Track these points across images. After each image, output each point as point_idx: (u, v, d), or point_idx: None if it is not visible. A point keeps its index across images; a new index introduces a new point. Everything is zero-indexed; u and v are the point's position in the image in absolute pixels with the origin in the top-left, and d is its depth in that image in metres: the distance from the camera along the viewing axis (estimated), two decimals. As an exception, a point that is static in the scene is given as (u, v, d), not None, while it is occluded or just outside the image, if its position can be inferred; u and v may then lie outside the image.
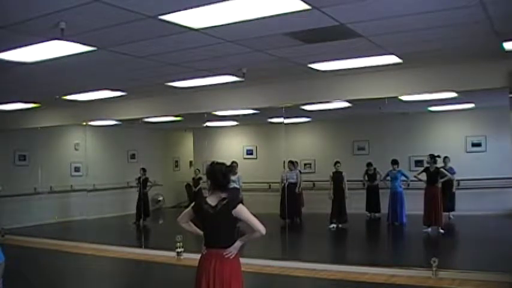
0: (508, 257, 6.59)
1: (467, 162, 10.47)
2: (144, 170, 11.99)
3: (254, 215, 3.78)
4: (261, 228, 3.72)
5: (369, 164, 11.24)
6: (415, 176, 10.02)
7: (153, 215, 13.39)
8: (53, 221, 11.85)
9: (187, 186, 13.40)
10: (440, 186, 9.62)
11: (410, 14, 4.48)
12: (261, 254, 8.13)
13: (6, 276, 4.01)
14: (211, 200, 3.79)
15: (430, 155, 9.71)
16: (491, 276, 6.39)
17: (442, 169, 9.68)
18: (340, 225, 10.74)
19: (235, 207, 3.71)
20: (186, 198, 13.73)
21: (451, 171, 9.97)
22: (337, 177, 10.74)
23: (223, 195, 3.80)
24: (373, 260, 7.90)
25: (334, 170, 10.79)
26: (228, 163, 10.08)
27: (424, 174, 9.76)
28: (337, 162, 10.84)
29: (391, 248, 9.47)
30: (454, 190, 9.78)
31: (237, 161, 10.90)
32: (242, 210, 3.73)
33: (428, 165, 9.71)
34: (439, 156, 9.72)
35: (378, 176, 11.15)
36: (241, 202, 3.90)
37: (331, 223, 10.72)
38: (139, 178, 11.89)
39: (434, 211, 9.45)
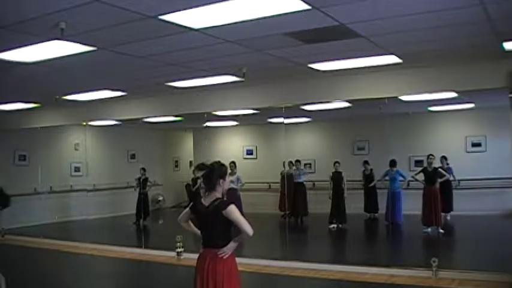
0: (508, 257, 6.59)
1: (467, 162, 10.49)
2: (144, 169, 11.99)
3: (244, 217, 3.77)
4: (248, 230, 3.70)
5: (365, 162, 11.21)
6: (412, 177, 10.03)
7: (153, 215, 13.40)
8: (53, 221, 11.85)
9: (187, 186, 13.41)
10: (438, 186, 9.62)
11: (410, 14, 4.48)
12: (261, 254, 8.13)
13: (6, 276, 4.03)
14: (206, 201, 3.83)
15: (429, 155, 9.71)
16: (491, 276, 6.39)
17: (440, 169, 9.68)
18: (340, 225, 10.74)
19: (225, 208, 3.71)
20: (186, 198, 13.74)
21: (449, 171, 9.97)
22: (336, 178, 10.75)
23: (218, 195, 3.83)
24: (373, 260, 7.90)
25: (333, 170, 10.80)
26: (228, 163, 9.98)
27: (421, 174, 9.77)
28: (336, 162, 10.84)
29: (391, 248, 9.48)
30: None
31: (237, 161, 10.90)
32: (232, 211, 3.71)
33: (426, 166, 9.71)
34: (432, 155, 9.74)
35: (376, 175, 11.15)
36: (239, 202, 3.92)
37: (331, 223, 10.72)
38: (139, 178, 11.89)
39: (434, 211, 9.45)
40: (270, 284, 7.24)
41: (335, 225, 10.71)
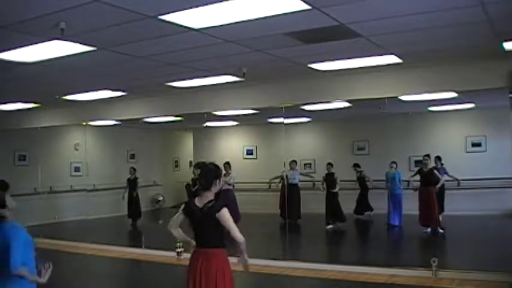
0: (508, 257, 6.59)
1: (467, 162, 10.48)
2: (134, 169, 11.98)
3: (238, 219, 3.81)
4: (238, 237, 3.79)
5: (355, 165, 11.19)
6: (410, 177, 10.00)
7: (153, 215, 13.41)
8: (53, 221, 11.84)
9: (187, 186, 13.40)
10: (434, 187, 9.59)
11: (410, 14, 4.49)
12: (261, 254, 8.13)
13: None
14: (199, 202, 3.89)
15: (424, 156, 9.70)
16: (491, 276, 6.39)
17: (435, 171, 9.62)
18: (337, 225, 10.71)
19: (218, 211, 3.79)
20: (186, 198, 13.73)
21: (442, 171, 9.97)
22: (330, 180, 10.74)
23: (212, 197, 3.89)
24: (373, 260, 7.90)
25: (326, 172, 10.77)
26: (230, 163, 9.92)
27: (418, 175, 9.74)
28: (328, 163, 10.84)
29: (391, 248, 9.48)
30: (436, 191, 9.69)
31: (237, 161, 10.90)
32: (224, 216, 3.79)
33: (422, 166, 9.68)
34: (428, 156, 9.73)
35: (367, 177, 11.13)
36: (235, 202, 3.97)
37: (328, 224, 10.70)
38: (128, 179, 11.89)
39: (430, 212, 9.44)
40: (270, 284, 7.24)
41: (332, 226, 10.68)
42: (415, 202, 9.72)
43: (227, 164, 10.55)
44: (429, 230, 9.52)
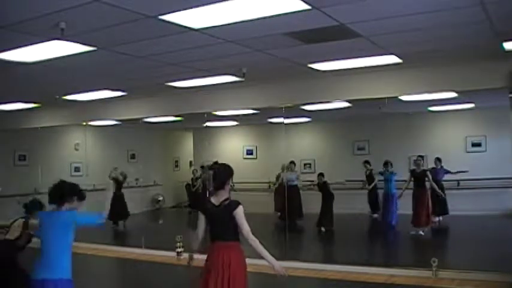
0: (508, 257, 6.59)
1: (467, 162, 10.48)
2: (115, 168, 11.97)
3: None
4: (250, 237, 4.03)
5: (365, 162, 11.12)
6: (407, 181, 10.00)
7: (153, 215, 13.39)
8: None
9: (187, 186, 13.42)
10: (428, 188, 9.56)
11: (411, 14, 4.49)
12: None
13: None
14: (215, 200, 4.13)
15: (417, 157, 9.68)
16: (491, 276, 6.39)
17: (428, 172, 9.57)
18: (327, 228, 10.63)
19: (235, 208, 4.05)
20: (186, 198, 13.74)
21: (443, 171, 9.94)
22: (322, 188, 10.73)
23: (226, 195, 4.12)
24: (373, 259, 7.90)
25: (317, 181, 10.75)
26: (230, 163, 9.99)
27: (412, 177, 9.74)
28: (320, 174, 10.82)
29: (391, 248, 9.49)
30: (442, 194, 9.63)
31: (237, 161, 10.89)
32: (239, 214, 4.05)
33: (415, 168, 9.63)
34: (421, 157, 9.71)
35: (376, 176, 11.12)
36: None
37: (320, 226, 10.66)
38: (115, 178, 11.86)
39: (424, 213, 9.42)
40: (270, 284, 7.23)
41: (323, 228, 10.63)
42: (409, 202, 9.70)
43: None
44: (427, 230, 9.50)
